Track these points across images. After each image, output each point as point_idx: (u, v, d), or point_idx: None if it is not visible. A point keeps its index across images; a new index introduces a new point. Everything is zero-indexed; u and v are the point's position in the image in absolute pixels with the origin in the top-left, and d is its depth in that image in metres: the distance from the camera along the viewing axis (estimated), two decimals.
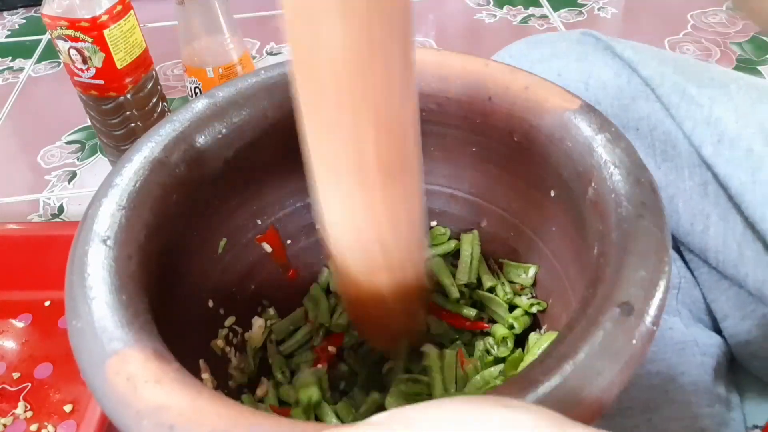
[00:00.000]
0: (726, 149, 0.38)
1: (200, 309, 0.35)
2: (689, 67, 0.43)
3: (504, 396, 0.19)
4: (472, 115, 0.34)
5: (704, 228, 0.40)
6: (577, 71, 0.45)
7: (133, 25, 0.56)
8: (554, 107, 0.31)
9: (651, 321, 0.22)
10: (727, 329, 0.42)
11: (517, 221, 0.37)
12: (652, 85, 0.43)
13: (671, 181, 0.41)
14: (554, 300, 0.35)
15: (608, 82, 0.44)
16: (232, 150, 0.34)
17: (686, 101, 0.41)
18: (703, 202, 0.40)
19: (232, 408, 0.20)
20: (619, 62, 0.45)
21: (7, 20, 0.98)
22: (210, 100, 0.33)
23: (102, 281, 0.25)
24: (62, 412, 0.44)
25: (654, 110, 0.42)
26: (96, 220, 0.27)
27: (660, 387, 0.38)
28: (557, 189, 0.32)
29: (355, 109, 0.23)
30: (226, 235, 0.36)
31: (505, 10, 0.92)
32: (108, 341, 0.23)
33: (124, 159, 0.30)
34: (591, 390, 0.20)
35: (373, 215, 0.27)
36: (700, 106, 0.40)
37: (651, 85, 0.43)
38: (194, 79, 0.60)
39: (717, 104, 0.40)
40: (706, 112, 0.40)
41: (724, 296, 0.42)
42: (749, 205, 0.37)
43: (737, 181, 0.37)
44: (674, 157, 0.41)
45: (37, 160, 0.69)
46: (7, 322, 0.51)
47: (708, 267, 0.42)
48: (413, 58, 0.24)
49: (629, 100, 0.43)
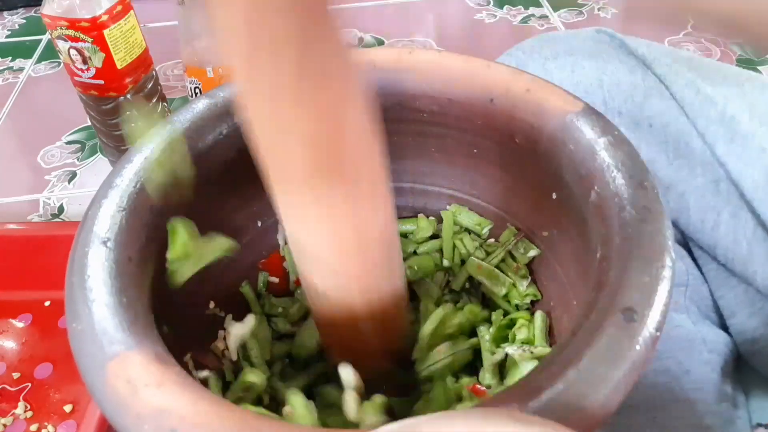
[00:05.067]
0: (739, 147, 0.38)
1: (201, 311, 0.35)
2: (703, 65, 0.44)
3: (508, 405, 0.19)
4: (474, 117, 0.34)
5: (714, 225, 0.40)
6: (592, 68, 0.45)
7: (133, 25, 0.56)
8: (556, 110, 0.31)
9: (654, 326, 0.22)
10: (734, 326, 0.42)
11: (518, 223, 0.37)
12: (666, 82, 0.43)
13: (683, 178, 0.41)
14: (555, 302, 0.35)
15: (622, 79, 0.44)
16: (233, 150, 0.34)
17: (700, 99, 0.41)
18: (714, 199, 0.40)
19: (233, 411, 0.20)
20: (633, 60, 0.45)
21: (7, 20, 0.98)
22: (210, 100, 0.33)
23: (102, 283, 0.25)
24: (62, 412, 0.44)
25: (668, 107, 0.42)
26: (96, 222, 0.27)
27: (666, 385, 0.38)
28: (559, 192, 0.32)
29: (289, 111, 0.23)
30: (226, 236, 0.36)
31: (505, 10, 0.92)
32: (108, 344, 0.23)
33: (124, 160, 0.30)
34: (595, 396, 0.20)
35: (323, 226, 0.26)
36: (714, 104, 0.40)
37: (665, 83, 0.43)
38: (194, 79, 0.60)
39: (730, 103, 0.40)
40: (719, 111, 0.40)
41: (732, 293, 0.42)
42: (761, 204, 0.37)
43: (749, 180, 0.37)
44: (687, 154, 0.41)
45: (37, 160, 0.69)
46: (7, 322, 0.51)
47: (717, 264, 0.42)
48: (349, 56, 0.23)
49: (643, 97, 0.43)
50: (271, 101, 0.23)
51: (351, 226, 0.26)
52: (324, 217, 0.26)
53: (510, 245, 0.37)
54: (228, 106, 0.33)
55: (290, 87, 0.22)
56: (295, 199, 0.26)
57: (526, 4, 0.93)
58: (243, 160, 0.34)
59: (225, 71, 0.59)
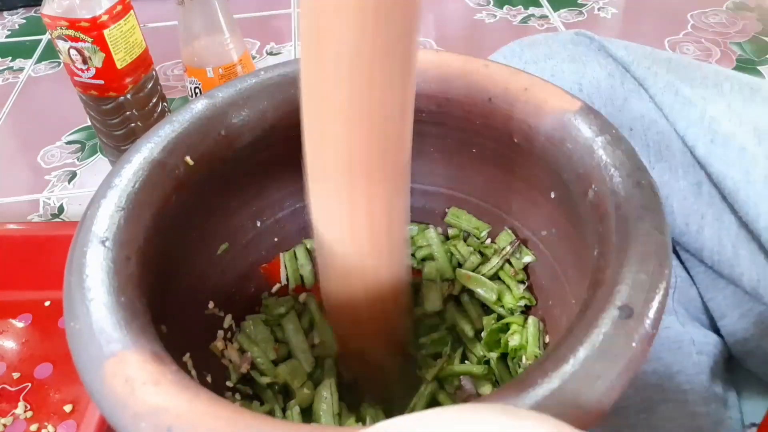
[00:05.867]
0: (719, 148, 0.38)
1: (200, 311, 0.35)
2: (682, 66, 0.43)
3: (503, 400, 0.19)
4: (472, 117, 0.34)
5: (699, 228, 0.40)
6: (571, 72, 0.45)
7: (133, 25, 0.56)
8: (554, 109, 0.31)
9: (651, 324, 0.22)
10: (725, 328, 0.42)
11: (516, 222, 0.37)
12: (646, 84, 0.43)
13: (666, 181, 0.41)
14: (553, 301, 0.35)
15: (602, 83, 0.44)
16: (232, 151, 0.34)
17: (679, 101, 0.41)
18: (697, 202, 0.40)
19: (230, 410, 0.20)
20: (612, 62, 0.45)
21: (7, 20, 0.98)
22: (210, 100, 0.33)
23: (100, 283, 0.25)
24: (62, 412, 0.44)
25: (648, 110, 0.42)
26: (95, 221, 0.27)
27: (656, 386, 0.38)
28: (557, 190, 0.32)
29: (351, 105, 0.23)
30: (225, 236, 0.36)
31: (505, 10, 0.92)
32: (106, 343, 0.23)
33: (123, 160, 0.30)
34: (590, 393, 0.20)
35: (355, 216, 0.27)
36: (694, 106, 0.40)
37: (644, 85, 0.43)
38: (194, 79, 0.60)
39: (710, 103, 0.40)
40: (699, 112, 0.40)
41: (721, 295, 0.42)
42: (743, 205, 0.37)
43: (731, 181, 0.37)
44: (668, 157, 0.41)
45: (37, 160, 0.69)
46: (7, 322, 0.51)
47: (704, 267, 0.42)
48: (415, 64, 0.24)
49: (623, 100, 0.43)
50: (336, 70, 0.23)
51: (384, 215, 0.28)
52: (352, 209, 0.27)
53: (507, 255, 0.37)
54: (227, 106, 0.33)
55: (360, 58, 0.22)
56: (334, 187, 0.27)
57: (526, 4, 0.93)
58: (242, 161, 0.35)
59: (225, 71, 0.59)
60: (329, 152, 0.26)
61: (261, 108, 0.34)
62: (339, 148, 0.25)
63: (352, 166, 0.25)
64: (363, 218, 0.27)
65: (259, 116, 0.34)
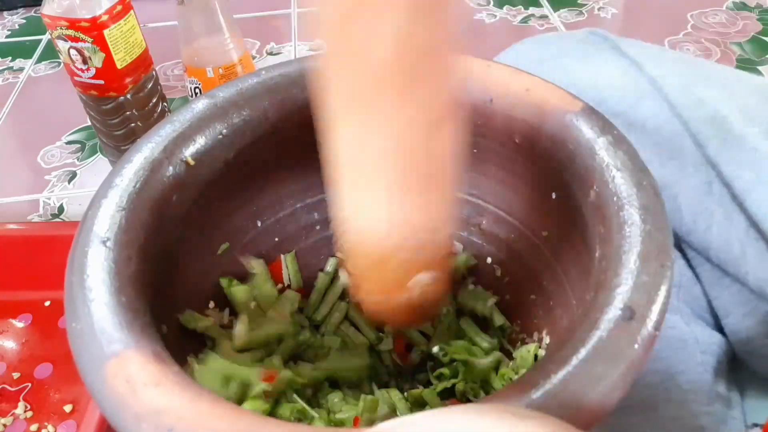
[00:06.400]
0: (731, 148, 0.38)
1: (200, 310, 0.35)
2: (696, 66, 0.44)
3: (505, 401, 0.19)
4: (474, 117, 0.34)
5: (707, 226, 0.40)
6: (585, 70, 0.45)
7: (133, 25, 0.56)
8: (556, 109, 0.31)
9: (653, 325, 0.22)
10: (729, 326, 0.42)
11: (517, 223, 0.37)
12: (659, 84, 0.43)
13: (676, 180, 0.42)
14: (555, 302, 0.35)
15: (615, 81, 0.44)
16: (233, 151, 0.34)
17: (692, 100, 0.41)
18: (707, 200, 0.40)
19: (231, 411, 0.20)
20: (626, 61, 0.45)
21: (7, 20, 0.98)
22: (210, 100, 0.33)
23: (101, 283, 0.25)
24: (62, 412, 0.44)
25: (660, 109, 0.42)
26: (96, 221, 0.27)
27: (659, 385, 0.38)
28: (559, 191, 0.32)
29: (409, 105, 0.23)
30: (226, 236, 0.36)
31: (505, 10, 0.92)
32: (107, 343, 0.23)
33: (123, 159, 0.30)
34: (592, 394, 0.20)
35: (406, 217, 0.27)
36: (706, 105, 0.40)
37: (657, 84, 0.43)
38: (194, 79, 0.60)
39: (722, 103, 0.40)
40: (711, 111, 0.40)
41: (726, 293, 0.42)
42: (753, 204, 0.37)
43: (741, 180, 0.37)
44: (679, 156, 0.41)
45: (37, 160, 0.69)
46: (7, 322, 0.51)
47: (710, 265, 0.42)
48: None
49: (636, 98, 0.44)
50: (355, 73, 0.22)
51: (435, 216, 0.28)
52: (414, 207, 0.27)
53: None
54: (228, 106, 0.33)
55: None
56: (386, 190, 0.26)
57: (526, 4, 0.93)
58: (243, 161, 0.35)
59: (225, 71, 0.59)
60: (381, 154, 0.25)
61: (262, 108, 0.34)
62: (396, 149, 0.25)
63: (411, 167, 0.25)
64: (416, 217, 0.27)
65: (260, 116, 0.34)
